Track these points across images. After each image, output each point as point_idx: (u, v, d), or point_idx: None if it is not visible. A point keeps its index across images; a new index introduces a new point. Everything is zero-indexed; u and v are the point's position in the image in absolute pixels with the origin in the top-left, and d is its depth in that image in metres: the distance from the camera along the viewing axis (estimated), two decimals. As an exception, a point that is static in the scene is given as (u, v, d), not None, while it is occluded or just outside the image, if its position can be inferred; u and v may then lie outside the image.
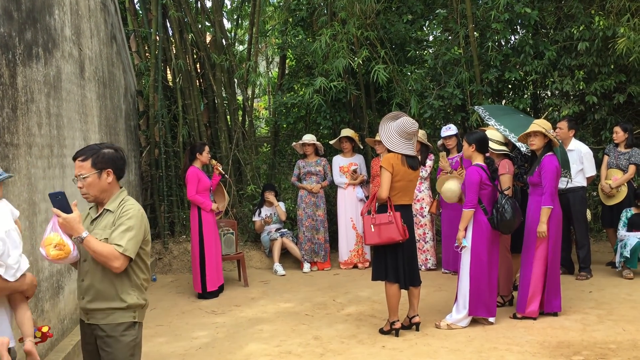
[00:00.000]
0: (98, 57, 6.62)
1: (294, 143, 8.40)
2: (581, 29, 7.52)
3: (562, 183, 6.20)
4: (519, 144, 5.71)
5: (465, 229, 5.15)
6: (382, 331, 5.16)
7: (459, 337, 4.95)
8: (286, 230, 8.31)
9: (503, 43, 8.35)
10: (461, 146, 5.92)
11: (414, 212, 7.33)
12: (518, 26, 8.46)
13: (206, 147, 6.88)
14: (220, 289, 6.91)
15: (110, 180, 2.88)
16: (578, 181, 6.64)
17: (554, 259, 5.36)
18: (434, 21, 8.77)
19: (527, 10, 7.54)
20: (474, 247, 5.13)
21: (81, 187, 2.87)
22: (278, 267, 7.85)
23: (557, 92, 8.25)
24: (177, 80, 8.80)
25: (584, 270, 6.77)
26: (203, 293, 6.71)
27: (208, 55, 8.96)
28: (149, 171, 8.86)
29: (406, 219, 4.98)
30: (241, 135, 9.15)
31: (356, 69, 8.45)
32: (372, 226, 4.92)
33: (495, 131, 5.82)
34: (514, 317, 5.40)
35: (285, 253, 8.17)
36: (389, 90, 8.68)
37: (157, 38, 8.75)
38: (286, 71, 9.87)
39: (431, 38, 9.58)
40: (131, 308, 2.90)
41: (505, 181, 5.57)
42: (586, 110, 8.14)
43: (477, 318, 5.26)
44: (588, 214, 6.94)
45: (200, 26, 9.31)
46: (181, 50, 8.79)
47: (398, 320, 5.07)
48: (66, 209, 2.72)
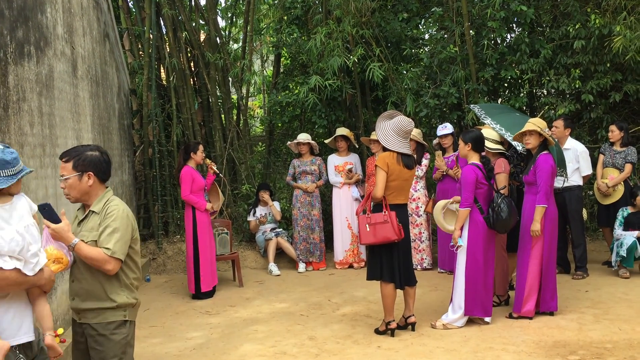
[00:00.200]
0: (91, 56, 6.59)
1: (289, 142, 8.38)
2: (577, 27, 7.51)
3: (559, 182, 6.19)
4: (515, 143, 5.70)
5: (461, 229, 5.13)
6: (378, 331, 5.15)
7: (455, 337, 4.94)
8: (281, 230, 8.28)
9: (499, 41, 8.34)
10: (457, 145, 5.90)
11: (410, 212, 7.30)
12: (514, 24, 8.46)
13: (200, 147, 6.85)
14: (213, 290, 6.86)
15: (91, 183, 2.91)
16: (574, 180, 6.65)
17: (550, 258, 5.35)
18: (430, 19, 8.76)
19: (523, 8, 7.53)
20: (470, 247, 5.12)
21: (63, 188, 2.92)
22: (273, 267, 7.82)
23: (553, 91, 8.25)
24: (171, 78, 8.75)
25: (580, 269, 6.76)
26: (197, 293, 6.68)
27: (202, 53, 8.91)
28: (143, 171, 8.81)
29: (401, 219, 4.96)
30: (236, 134, 9.11)
31: (351, 68, 8.43)
32: (367, 226, 4.91)
33: (491, 130, 5.81)
34: (510, 317, 5.39)
35: (280, 253, 8.14)
36: (385, 88, 8.67)
37: (151, 36, 8.69)
38: (281, 70, 9.85)
39: (427, 36, 9.57)
40: (121, 307, 2.94)
41: (501, 180, 5.56)
42: (582, 108, 8.14)
43: (473, 318, 5.25)
44: (584, 213, 6.93)
45: (194, 24, 9.26)
46: (175, 48, 8.73)
47: (394, 320, 5.05)
48: (55, 219, 2.77)
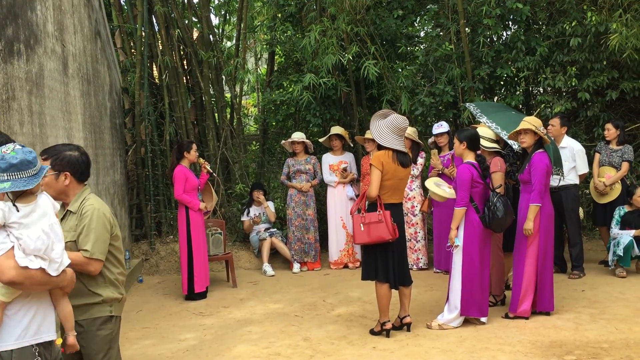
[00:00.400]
0: (82, 54, 6.55)
1: (283, 141, 8.33)
2: (573, 25, 7.49)
3: (555, 181, 6.18)
4: (511, 142, 5.67)
5: (457, 228, 5.10)
6: (373, 332, 5.12)
7: (451, 338, 4.92)
8: (275, 230, 8.23)
9: (495, 39, 8.31)
10: (453, 144, 5.88)
11: (405, 211, 7.27)
12: (510, 22, 8.45)
13: (194, 146, 6.80)
14: (206, 291, 6.80)
15: (67, 183, 2.93)
16: (570, 179, 6.62)
17: (546, 258, 5.33)
18: (425, 17, 8.73)
19: (519, 5, 7.50)
20: (466, 246, 5.10)
21: (41, 185, 2.88)
22: (267, 268, 7.76)
23: (550, 89, 8.23)
24: (164, 77, 8.72)
25: (577, 268, 6.74)
26: (190, 294, 6.63)
27: (195, 51, 8.87)
28: (135, 170, 8.75)
29: (396, 218, 4.93)
30: (229, 133, 9.07)
31: (346, 66, 8.40)
32: (362, 225, 4.89)
33: (487, 128, 5.81)
34: (506, 317, 5.37)
35: (274, 253, 8.09)
36: (380, 87, 8.64)
37: (143, 34, 8.64)
38: (275, 68, 9.82)
39: (422, 34, 9.53)
40: (107, 302, 2.96)
41: (497, 179, 5.55)
42: (579, 107, 8.13)
43: (469, 318, 5.23)
44: (581, 212, 6.91)
45: (187, 22, 9.23)
46: (167, 46, 8.69)
47: (389, 320, 5.03)
48: None
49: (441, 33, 8.55)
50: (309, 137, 8.60)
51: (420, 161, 7.50)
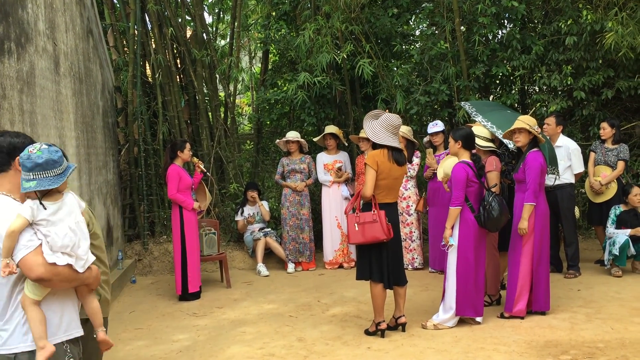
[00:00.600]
0: (74, 52, 6.49)
1: (278, 140, 8.29)
2: (569, 23, 7.47)
3: (550, 180, 6.16)
4: (506, 141, 5.66)
5: (452, 227, 5.08)
6: (368, 332, 5.10)
7: (446, 338, 4.91)
8: (270, 229, 8.18)
9: (490, 37, 8.28)
10: (448, 143, 5.86)
11: (401, 211, 7.24)
12: (505, 20, 8.44)
13: (187, 145, 6.76)
14: (200, 291, 6.76)
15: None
16: (566, 178, 6.61)
17: (541, 257, 5.31)
18: (420, 15, 8.69)
19: (514, 3, 7.48)
20: (461, 246, 5.08)
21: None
22: (261, 268, 7.72)
23: (545, 88, 8.22)
24: (157, 76, 8.66)
25: (573, 268, 6.73)
26: (184, 295, 6.59)
27: (188, 50, 8.81)
28: (128, 170, 8.70)
29: (391, 218, 4.91)
30: (223, 132, 9.02)
31: (341, 64, 8.36)
32: (356, 225, 4.87)
33: (482, 127, 5.79)
34: (502, 317, 5.35)
35: (269, 253, 8.05)
36: (375, 85, 8.62)
37: (136, 32, 8.59)
38: (269, 66, 9.78)
39: (417, 32, 9.51)
40: None
41: (492, 178, 5.53)
42: (574, 105, 8.12)
43: (464, 318, 5.21)
44: (576, 211, 6.90)
45: (180, 20, 9.16)
46: (160, 45, 8.64)
47: (384, 320, 5.01)
48: None
49: (436, 31, 8.52)
50: (304, 136, 8.57)
51: (416, 161, 7.47)
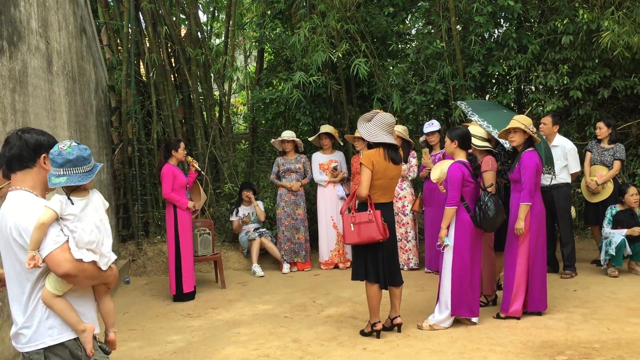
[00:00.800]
0: (67, 51, 6.46)
1: (273, 140, 8.26)
2: (565, 22, 7.47)
3: (546, 179, 6.14)
4: (502, 141, 5.64)
5: (447, 227, 5.07)
6: (363, 333, 5.08)
7: (442, 338, 4.89)
8: (265, 229, 8.15)
9: (486, 36, 8.26)
10: (444, 142, 5.84)
11: (396, 211, 7.22)
12: (501, 19, 8.43)
13: (182, 144, 6.72)
14: (194, 292, 6.73)
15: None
16: (562, 177, 6.60)
17: (537, 257, 5.30)
18: (416, 14, 8.68)
19: (510, 2, 7.46)
20: (456, 246, 5.06)
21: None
22: (256, 268, 7.68)
23: (541, 87, 8.21)
24: (151, 75, 8.61)
25: (569, 268, 6.72)
26: (179, 295, 6.56)
27: (183, 49, 8.77)
28: (122, 169, 8.65)
29: (387, 218, 4.89)
30: (218, 132, 8.98)
31: (336, 63, 8.34)
32: (352, 225, 4.85)
33: (478, 127, 5.78)
34: (498, 317, 5.34)
35: (264, 253, 8.01)
36: (370, 85, 8.59)
37: (130, 31, 8.52)
38: (264, 65, 9.76)
39: (413, 31, 9.50)
40: None
41: (488, 178, 5.51)
42: (570, 105, 8.11)
43: (460, 318, 5.20)
44: (573, 211, 6.88)
45: (174, 19, 9.11)
46: (155, 43, 8.60)
47: (379, 321, 4.99)
48: None
49: (432, 30, 8.51)
50: (299, 136, 8.54)
51: (413, 162, 7.44)
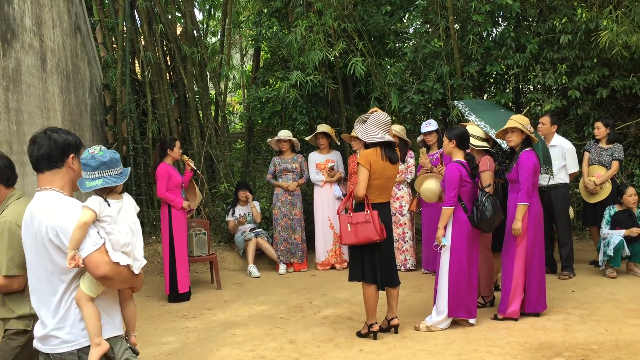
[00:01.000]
0: (61, 49, 6.42)
1: (269, 139, 8.20)
2: (563, 22, 7.44)
3: (545, 180, 6.11)
4: (500, 141, 5.61)
5: (444, 228, 5.04)
6: (360, 334, 5.06)
7: (439, 340, 4.88)
8: (261, 230, 8.10)
9: (484, 36, 8.24)
10: (442, 142, 5.84)
11: (393, 211, 7.18)
12: (499, 18, 8.42)
13: (177, 143, 6.69)
14: (189, 293, 6.68)
15: None
16: (561, 178, 6.58)
17: (535, 258, 5.28)
18: (414, 13, 8.65)
19: (509, 1, 7.44)
20: (454, 246, 5.04)
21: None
22: (252, 269, 7.64)
23: (540, 87, 8.20)
24: (146, 73, 8.57)
25: (567, 269, 6.70)
26: (174, 296, 6.52)
27: (179, 47, 8.72)
28: (117, 169, 8.56)
29: (384, 218, 4.86)
30: (214, 131, 8.94)
31: (333, 62, 8.31)
32: (349, 225, 4.82)
33: (476, 127, 5.76)
34: (495, 318, 5.32)
35: (260, 254, 7.97)
36: (368, 84, 8.57)
37: (125, 29, 8.51)
38: (261, 64, 9.73)
39: (411, 30, 9.47)
40: (23, 318, 2.99)
41: (486, 178, 5.49)
42: (569, 105, 8.09)
43: (457, 319, 5.18)
44: (571, 212, 6.86)
45: (170, 17, 9.08)
46: (150, 41, 8.55)
47: (376, 322, 4.97)
48: None
49: (430, 29, 8.48)
50: (296, 135, 8.51)
51: (411, 162, 7.40)
